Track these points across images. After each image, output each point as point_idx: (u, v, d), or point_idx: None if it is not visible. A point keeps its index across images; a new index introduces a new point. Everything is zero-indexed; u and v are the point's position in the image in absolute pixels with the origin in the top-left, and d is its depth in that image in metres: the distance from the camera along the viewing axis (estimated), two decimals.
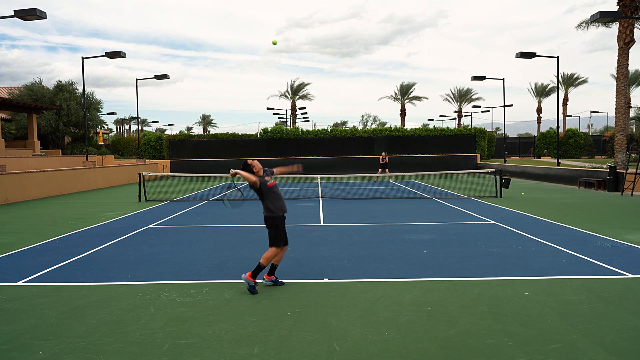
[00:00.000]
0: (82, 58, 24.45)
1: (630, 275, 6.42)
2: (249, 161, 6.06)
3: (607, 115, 72.47)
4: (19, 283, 6.47)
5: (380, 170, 27.29)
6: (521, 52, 23.65)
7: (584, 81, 64.29)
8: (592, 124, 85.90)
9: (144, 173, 17.92)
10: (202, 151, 35.90)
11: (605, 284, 6.03)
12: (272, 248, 5.98)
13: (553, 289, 5.85)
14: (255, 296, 5.73)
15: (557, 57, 24.42)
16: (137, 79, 33.68)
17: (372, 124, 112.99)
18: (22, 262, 7.72)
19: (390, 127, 37.01)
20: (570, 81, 64.19)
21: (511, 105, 40.17)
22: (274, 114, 58.60)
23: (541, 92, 67.20)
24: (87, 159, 26.30)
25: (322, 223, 11.43)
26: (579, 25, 27.77)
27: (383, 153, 28.07)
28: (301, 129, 36.97)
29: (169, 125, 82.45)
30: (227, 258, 7.72)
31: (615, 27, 25.37)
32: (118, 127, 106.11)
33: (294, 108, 60.90)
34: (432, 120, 69.82)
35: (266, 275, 6.20)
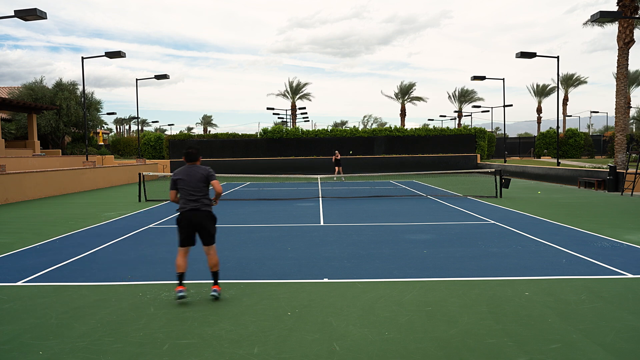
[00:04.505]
0: (82, 58, 24.49)
1: (630, 275, 6.42)
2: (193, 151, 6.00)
3: (607, 115, 72.51)
4: (19, 283, 6.47)
5: (336, 169, 27.48)
6: (521, 52, 23.65)
7: (584, 81, 64.33)
8: (592, 124, 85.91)
9: (144, 173, 17.93)
10: (202, 151, 35.90)
11: (605, 284, 6.03)
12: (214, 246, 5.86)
13: (553, 289, 5.85)
14: (255, 296, 5.73)
15: (557, 57, 24.42)
16: (137, 79, 33.73)
17: (372, 124, 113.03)
18: (22, 262, 7.71)
19: (390, 127, 36.98)
20: (570, 81, 64.22)
21: (511, 105, 40.17)
22: (274, 113, 58.63)
23: (541, 92, 67.21)
24: (87, 159, 26.30)
25: (322, 223, 11.43)
26: (586, 23, 27.88)
27: (337, 152, 28.24)
28: (301, 129, 36.96)
29: (169, 125, 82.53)
30: (227, 258, 7.71)
31: (613, 27, 25.40)
32: (118, 127, 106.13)
33: (294, 108, 60.88)
34: (432, 120, 69.97)
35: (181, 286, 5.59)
